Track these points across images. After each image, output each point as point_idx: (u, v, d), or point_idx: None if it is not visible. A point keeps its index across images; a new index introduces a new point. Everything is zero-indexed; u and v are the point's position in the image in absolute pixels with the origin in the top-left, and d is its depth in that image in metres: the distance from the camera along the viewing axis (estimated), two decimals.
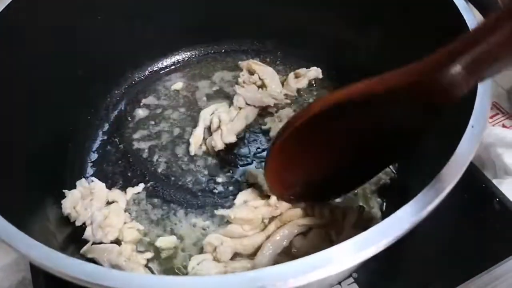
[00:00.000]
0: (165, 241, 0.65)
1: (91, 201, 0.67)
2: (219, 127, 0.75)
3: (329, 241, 0.61)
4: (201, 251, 0.63)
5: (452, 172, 0.40)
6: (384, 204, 0.67)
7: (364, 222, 0.63)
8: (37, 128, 0.67)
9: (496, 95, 0.86)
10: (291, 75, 0.85)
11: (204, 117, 0.79)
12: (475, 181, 0.67)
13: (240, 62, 0.88)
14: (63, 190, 0.68)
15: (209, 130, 0.77)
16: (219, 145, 0.74)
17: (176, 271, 0.63)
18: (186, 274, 0.61)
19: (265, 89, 0.82)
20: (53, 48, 0.70)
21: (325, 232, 0.62)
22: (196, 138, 0.76)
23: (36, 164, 0.64)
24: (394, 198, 0.66)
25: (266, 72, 0.83)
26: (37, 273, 0.62)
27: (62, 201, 0.67)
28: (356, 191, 0.68)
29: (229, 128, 0.75)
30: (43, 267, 0.38)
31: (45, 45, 0.68)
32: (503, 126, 0.82)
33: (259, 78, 0.83)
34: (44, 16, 0.68)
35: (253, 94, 0.80)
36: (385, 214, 0.65)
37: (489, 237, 0.62)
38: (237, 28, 0.90)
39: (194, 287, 0.34)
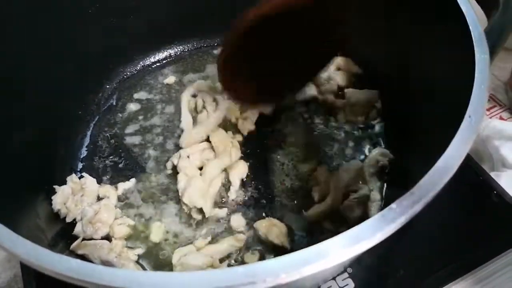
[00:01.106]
0: (156, 231, 0.65)
1: (81, 197, 0.67)
2: (203, 107, 0.77)
3: None
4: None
5: (449, 165, 0.39)
6: (384, 186, 0.67)
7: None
8: (26, 124, 0.65)
9: (493, 87, 0.86)
10: None
11: (187, 99, 0.79)
12: (473, 174, 0.67)
13: None
14: (54, 186, 0.67)
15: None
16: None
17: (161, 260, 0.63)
18: None
19: None
20: (42, 43, 0.69)
21: None
22: (188, 125, 0.76)
23: (25, 159, 0.63)
24: (394, 182, 0.66)
25: None
26: (27, 270, 0.61)
27: (53, 197, 0.66)
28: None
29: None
30: (29, 263, 0.37)
31: (35, 39, 0.67)
32: (501, 118, 0.82)
33: None
34: (33, 9, 0.67)
35: None
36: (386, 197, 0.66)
37: (487, 230, 0.62)
38: (229, 21, 0.89)
39: (183, 282, 0.33)
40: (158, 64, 0.90)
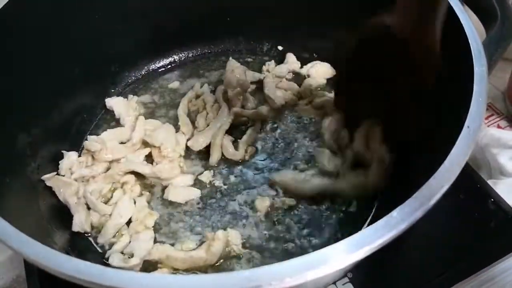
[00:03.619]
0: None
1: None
2: (204, 108, 0.79)
3: None
4: None
5: (448, 173, 0.40)
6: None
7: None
8: (32, 125, 0.67)
9: (491, 96, 0.87)
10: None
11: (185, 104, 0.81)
12: (470, 181, 0.67)
13: None
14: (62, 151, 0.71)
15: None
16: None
17: None
18: None
19: None
20: (49, 46, 0.70)
21: None
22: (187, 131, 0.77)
23: (29, 160, 0.65)
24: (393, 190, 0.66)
25: None
26: (31, 271, 0.62)
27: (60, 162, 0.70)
28: None
29: None
30: (37, 264, 0.38)
31: (41, 43, 0.68)
32: (498, 126, 0.83)
33: None
34: (41, 13, 0.68)
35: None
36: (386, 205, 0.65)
37: (483, 237, 0.62)
38: (234, 28, 0.90)
39: (189, 286, 0.34)
40: (162, 69, 0.91)
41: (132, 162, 0.71)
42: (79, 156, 0.73)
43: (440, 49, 0.54)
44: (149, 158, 0.74)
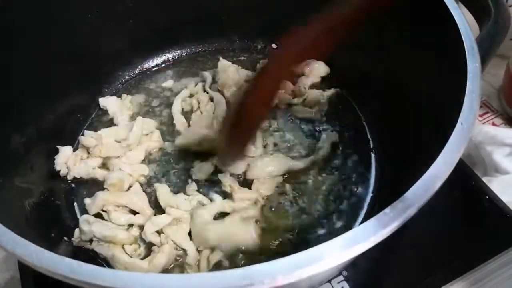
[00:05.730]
0: None
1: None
2: (198, 107, 0.79)
3: None
4: None
5: (441, 169, 0.40)
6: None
7: None
8: (26, 127, 0.66)
9: (486, 93, 0.87)
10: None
11: (179, 102, 0.81)
12: (465, 179, 0.67)
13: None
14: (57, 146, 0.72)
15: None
16: None
17: None
18: None
19: None
20: (42, 46, 0.69)
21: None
22: (182, 127, 0.77)
23: (24, 159, 0.65)
24: (386, 187, 0.67)
25: None
26: (25, 272, 0.61)
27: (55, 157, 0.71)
28: None
29: None
30: (30, 265, 0.38)
31: (34, 42, 0.68)
32: (493, 124, 0.83)
33: None
34: (34, 12, 0.68)
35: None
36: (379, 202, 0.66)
37: (478, 235, 0.63)
38: (227, 27, 0.90)
39: (182, 285, 0.34)
40: (156, 68, 0.91)
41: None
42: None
43: None
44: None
